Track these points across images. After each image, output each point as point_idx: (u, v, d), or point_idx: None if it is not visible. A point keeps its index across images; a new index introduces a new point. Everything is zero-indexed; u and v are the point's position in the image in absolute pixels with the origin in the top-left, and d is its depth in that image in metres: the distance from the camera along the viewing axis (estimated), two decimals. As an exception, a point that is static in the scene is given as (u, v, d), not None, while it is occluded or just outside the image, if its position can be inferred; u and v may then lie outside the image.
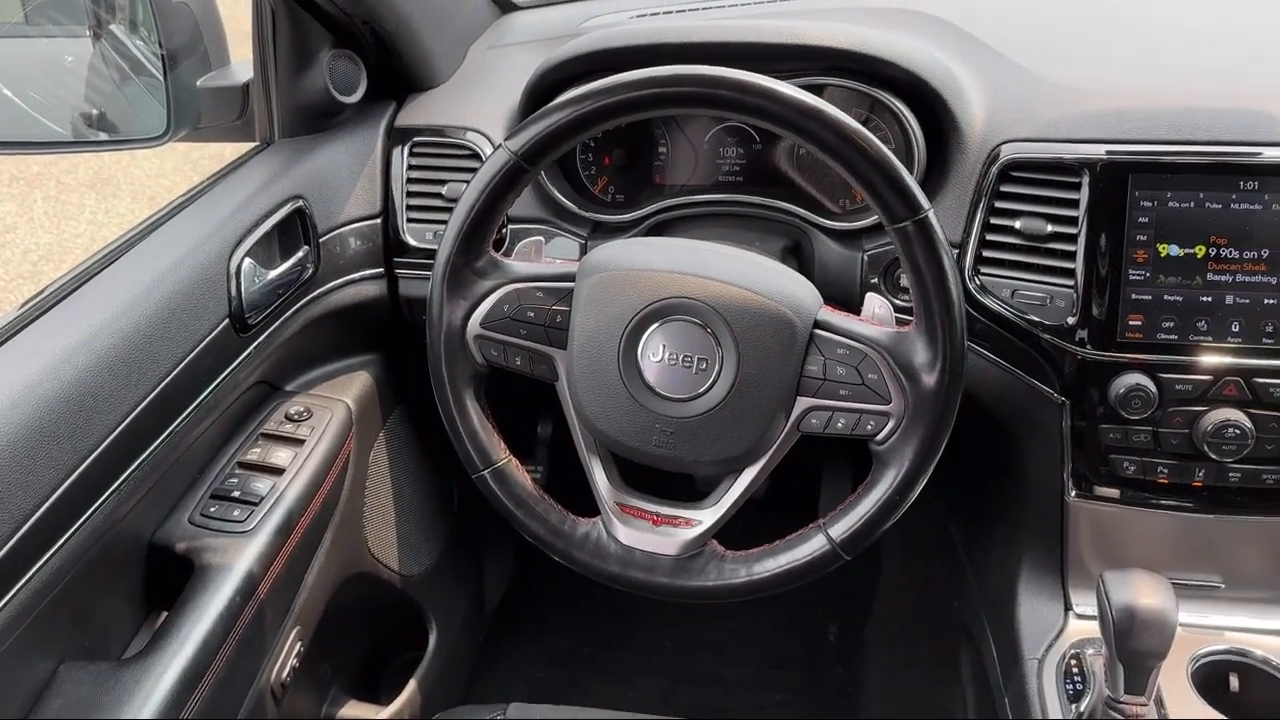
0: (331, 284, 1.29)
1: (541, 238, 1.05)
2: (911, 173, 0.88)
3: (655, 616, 1.96)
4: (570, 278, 0.97)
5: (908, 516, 0.96)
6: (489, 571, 1.91)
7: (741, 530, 1.01)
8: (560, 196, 1.25)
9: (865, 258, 1.18)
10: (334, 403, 1.32)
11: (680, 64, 0.87)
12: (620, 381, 0.94)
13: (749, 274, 0.94)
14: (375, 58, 1.32)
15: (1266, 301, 1.05)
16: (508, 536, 1.75)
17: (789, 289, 0.93)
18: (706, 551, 0.98)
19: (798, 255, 1.23)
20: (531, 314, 0.97)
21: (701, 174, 1.28)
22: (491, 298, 0.97)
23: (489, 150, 1.26)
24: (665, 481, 1.02)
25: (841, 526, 0.94)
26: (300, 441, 1.24)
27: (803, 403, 0.92)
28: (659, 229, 1.26)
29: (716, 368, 0.92)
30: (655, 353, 0.93)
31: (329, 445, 1.26)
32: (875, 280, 1.18)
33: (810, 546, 0.95)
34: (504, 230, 1.27)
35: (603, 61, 1.16)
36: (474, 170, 0.95)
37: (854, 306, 0.97)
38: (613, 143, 1.29)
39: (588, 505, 1.01)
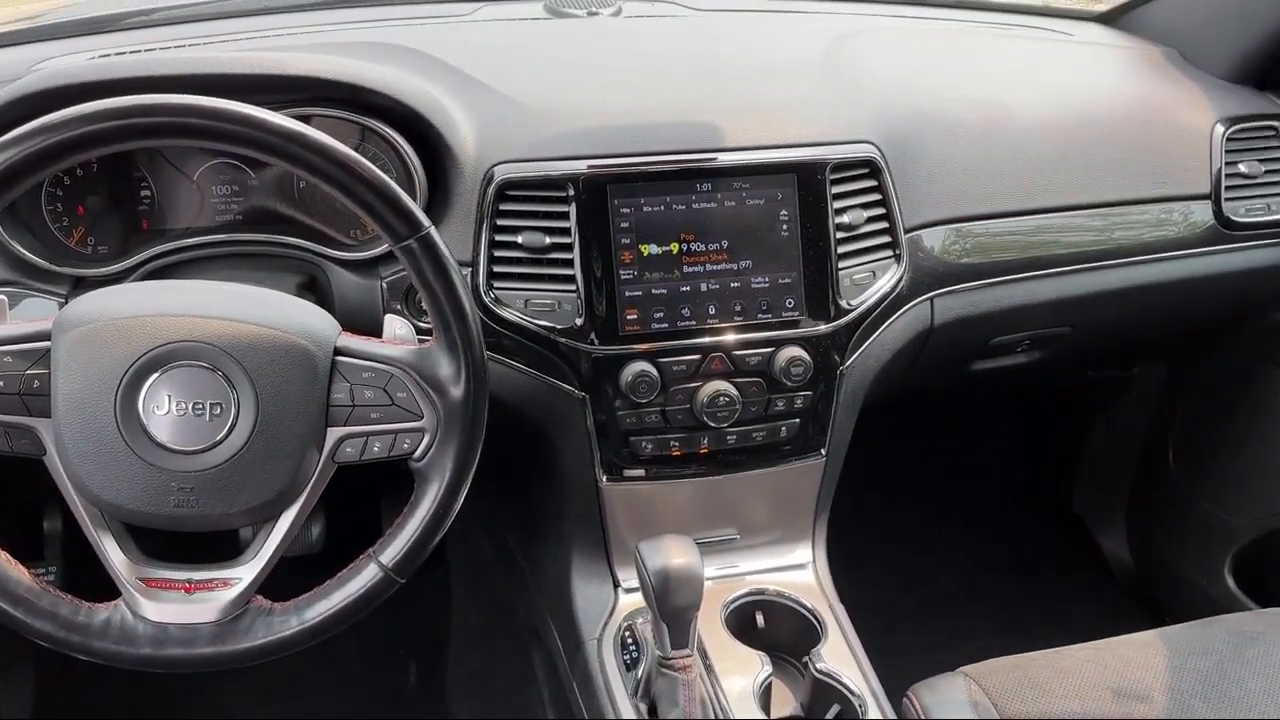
0: None
1: (4, 298, 0.92)
2: (414, 198, 0.91)
3: (218, 699, 1.79)
4: (45, 336, 0.86)
5: (468, 535, 0.98)
6: (1, 696, 1.63)
7: (305, 584, 0.96)
8: (25, 252, 1.10)
9: (384, 285, 1.18)
10: None
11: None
12: (122, 443, 0.85)
13: (256, 309, 0.90)
14: None
15: (732, 285, 1.22)
16: (18, 647, 1.50)
17: (302, 319, 0.91)
18: (251, 609, 0.92)
19: (314, 290, 1.20)
20: (0, 383, 0.85)
21: (197, 215, 1.20)
22: None
23: None
24: (199, 545, 0.94)
25: (392, 551, 0.93)
26: None
27: (334, 433, 0.91)
28: (155, 278, 1.16)
29: (233, 411, 0.87)
30: (160, 405, 0.86)
31: None
32: (398, 306, 1.18)
33: (362, 579, 0.93)
34: None
35: (58, 99, 1.03)
36: None
37: (381, 334, 0.97)
38: (86, 188, 1.17)
39: (116, 593, 0.91)
